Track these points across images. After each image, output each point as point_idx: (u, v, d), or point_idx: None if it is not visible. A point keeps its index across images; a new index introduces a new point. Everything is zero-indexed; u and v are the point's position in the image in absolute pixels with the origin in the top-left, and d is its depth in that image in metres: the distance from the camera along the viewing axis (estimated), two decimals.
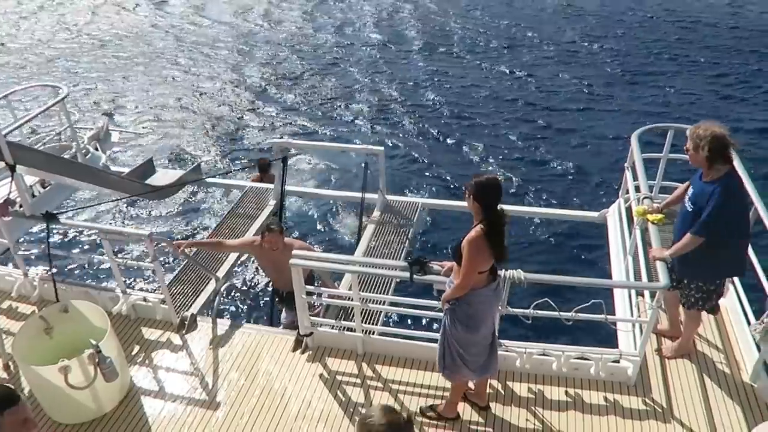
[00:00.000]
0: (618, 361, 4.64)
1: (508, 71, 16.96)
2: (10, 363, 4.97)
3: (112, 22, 22.64)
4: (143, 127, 14.02)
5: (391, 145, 12.87)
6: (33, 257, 8.79)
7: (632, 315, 4.95)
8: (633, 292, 5.17)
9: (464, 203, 3.80)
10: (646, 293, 5.01)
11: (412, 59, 18.37)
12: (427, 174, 11.90)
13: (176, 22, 22.49)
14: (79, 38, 20.82)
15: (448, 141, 13.18)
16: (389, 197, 7.51)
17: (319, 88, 16.45)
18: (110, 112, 14.37)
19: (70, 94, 7.44)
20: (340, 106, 15.27)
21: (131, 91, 16.39)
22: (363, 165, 7.40)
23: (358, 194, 7.48)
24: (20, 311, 5.65)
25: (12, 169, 5.19)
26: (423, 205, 7.59)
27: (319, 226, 9.97)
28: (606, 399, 4.55)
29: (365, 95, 15.86)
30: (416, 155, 12.62)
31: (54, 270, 5.49)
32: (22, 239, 7.68)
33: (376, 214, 7.31)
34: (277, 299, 6.03)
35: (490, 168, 11.82)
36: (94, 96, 15.96)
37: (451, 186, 11.24)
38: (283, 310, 6.13)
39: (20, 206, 5.70)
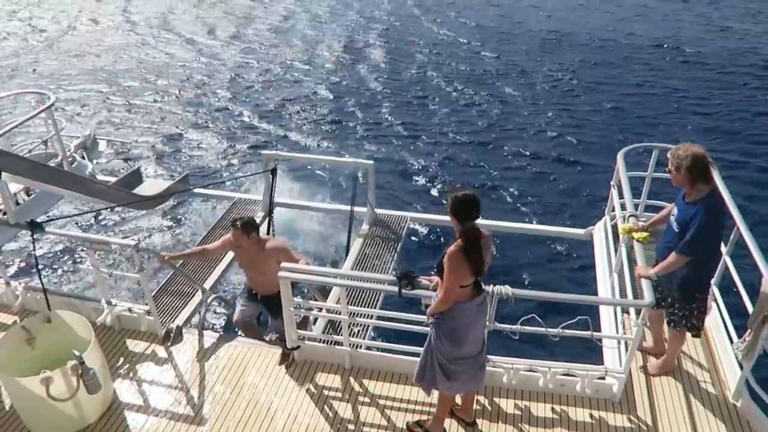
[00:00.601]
0: (603, 378, 4.67)
1: (494, 91, 17.12)
2: None
3: (90, 35, 22.51)
4: (130, 137, 13.95)
5: (381, 159, 12.90)
6: (15, 266, 8.68)
7: (618, 332, 4.99)
8: (619, 309, 5.21)
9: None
10: (632, 310, 5.06)
11: (399, 76, 18.50)
12: (415, 188, 11.95)
13: (158, 36, 22.42)
14: (58, 50, 20.60)
15: (437, 157, 13.25)
16: (378, 211, 7.52)
17: (306, 102, 16.50)
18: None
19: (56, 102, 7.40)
20: (329, 120, 15.31)
21: (116, 101, 16.31)
22: (352, 178, 7.42)
23: (347, 207, 7.49)
24: (1, 321, 5.55)
25: None
26: (412, 219, 7.62)
27: (307, 239, 9.94)
28: (592, 416, 4.57)
29: (356, 110, 15.93)
30: (405, 170, 12.68)
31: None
32: (4, 247, 7.57)
33: (364, 227, 7.31)
34: (247, 296, 5.84)
35: (478, 184, 11.91)
36: (77, 106, 15.85)
37: (440, 201, 11.29)
38: (239, 303, 5.84)
39: (4, 214, 5.63)
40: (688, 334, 4.66)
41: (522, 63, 19.39)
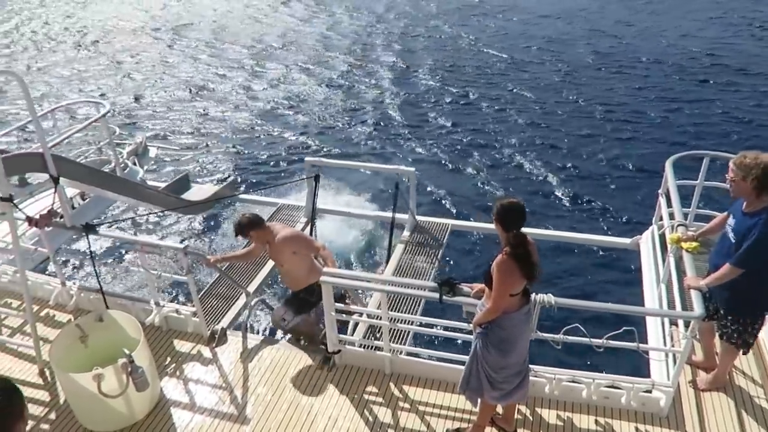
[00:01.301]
0: (650, 392, 4.54)
1: (540, 98, 16.91)
2: (46, 369, 5.11)
3: (127, 42, 23.36)
4: (178, 144, 14.39)
5: (423, 166, 12.91)
6: (70, 266, 9.02)
7: (665, 344, 4.85)
8: (666, 321, 5.07)
9: (493, 225, 3.83)
10: (680, 323, 4.91)
11: (440, 83, 18.49)
12: (456, 196, 11.90)
13: (197, 45, 23.02)
14: (100, 59, 21.39)
15: (480, 164, 13.17)
16: (419, 218, 7.53)
17: (349, 109, 16.68)
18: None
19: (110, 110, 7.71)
20: (371, 127, 15.43)
21: (164, 110, 16.84)
22: (394, 185, 7.45)
23: (389, 214, 7.52)
24: (57, 319, 5.80)
25: (56, 181, 5.38)
26: (453, 226, 7.59)
27: (348, 245, 10.03)
28: (637, 430, 4.45)
29: (397, 116, 16.00)
30: (447, 177, 12.65)
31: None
32: (60, 249, 7.89)
33: (405, 234, 7.33)
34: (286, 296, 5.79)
35: (522, 192, 11.77)
36: (127, 114, 16.44)
37: (481, 208, 11.21)
38: (283, 303, 5.78)
39: (61, 217, 5.88)
40: None
41: (566, 70, 19.10)
